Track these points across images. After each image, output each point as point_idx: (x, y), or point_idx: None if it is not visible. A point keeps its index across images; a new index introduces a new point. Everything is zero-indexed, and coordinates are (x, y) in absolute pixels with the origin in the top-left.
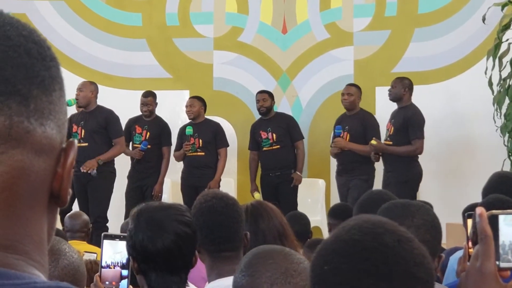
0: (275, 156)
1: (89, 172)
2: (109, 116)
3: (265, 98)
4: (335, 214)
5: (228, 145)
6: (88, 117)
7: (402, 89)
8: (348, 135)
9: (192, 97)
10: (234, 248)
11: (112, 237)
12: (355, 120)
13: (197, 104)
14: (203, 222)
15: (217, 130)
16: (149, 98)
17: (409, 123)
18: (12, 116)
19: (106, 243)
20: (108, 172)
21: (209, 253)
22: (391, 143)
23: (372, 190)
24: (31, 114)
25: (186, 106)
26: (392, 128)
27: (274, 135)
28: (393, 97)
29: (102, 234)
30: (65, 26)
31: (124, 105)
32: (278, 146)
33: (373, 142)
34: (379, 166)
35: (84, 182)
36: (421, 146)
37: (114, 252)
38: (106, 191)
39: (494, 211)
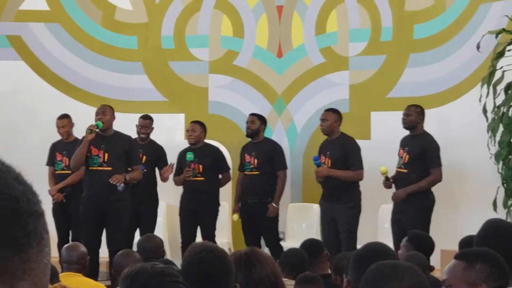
0: (253, 182)
1: (116, 184)
2: (132, 142)
3: (253, 120)
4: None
5: (229, 169)
6: (110, 141)
7: (417, 117)
8: (329, 161)
9: (193, 122)
10: None
11: None
12: (336, 145)
13: (199, 129)
14: (193, 274)
15: (217, 156)
16: (148, 121)
17: (427, 151)
18: None
19: None
20: (126, 200)
21: None
22: (405, 171)
23: (369, 243)
24: None
25: (188, 131)
26: (407, 156)
27: (255, 160)
28: (409, 125)
29: None
30: (60, 49)
31: (119, 128)
32: (258, 173)
33: (385, 174)
34: (365, 192)
35: (103, 209)
36: (441, 174)
37: None
38: (125, 219)
39: None
